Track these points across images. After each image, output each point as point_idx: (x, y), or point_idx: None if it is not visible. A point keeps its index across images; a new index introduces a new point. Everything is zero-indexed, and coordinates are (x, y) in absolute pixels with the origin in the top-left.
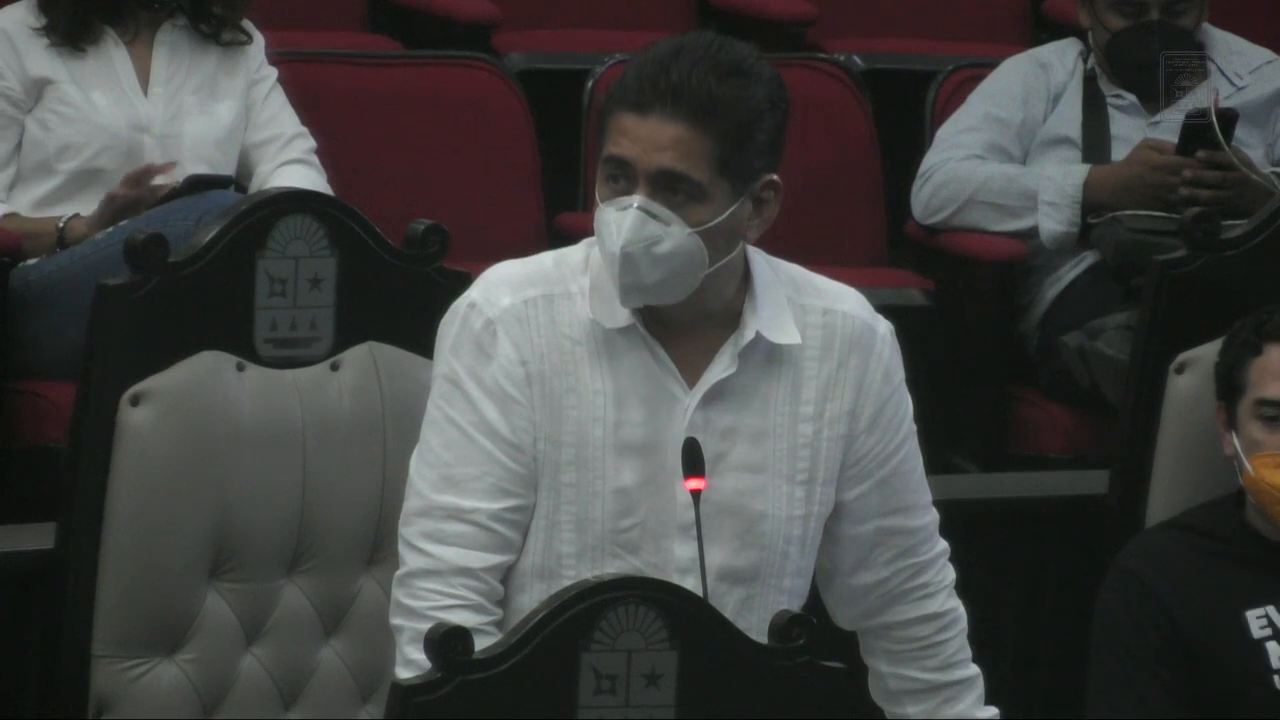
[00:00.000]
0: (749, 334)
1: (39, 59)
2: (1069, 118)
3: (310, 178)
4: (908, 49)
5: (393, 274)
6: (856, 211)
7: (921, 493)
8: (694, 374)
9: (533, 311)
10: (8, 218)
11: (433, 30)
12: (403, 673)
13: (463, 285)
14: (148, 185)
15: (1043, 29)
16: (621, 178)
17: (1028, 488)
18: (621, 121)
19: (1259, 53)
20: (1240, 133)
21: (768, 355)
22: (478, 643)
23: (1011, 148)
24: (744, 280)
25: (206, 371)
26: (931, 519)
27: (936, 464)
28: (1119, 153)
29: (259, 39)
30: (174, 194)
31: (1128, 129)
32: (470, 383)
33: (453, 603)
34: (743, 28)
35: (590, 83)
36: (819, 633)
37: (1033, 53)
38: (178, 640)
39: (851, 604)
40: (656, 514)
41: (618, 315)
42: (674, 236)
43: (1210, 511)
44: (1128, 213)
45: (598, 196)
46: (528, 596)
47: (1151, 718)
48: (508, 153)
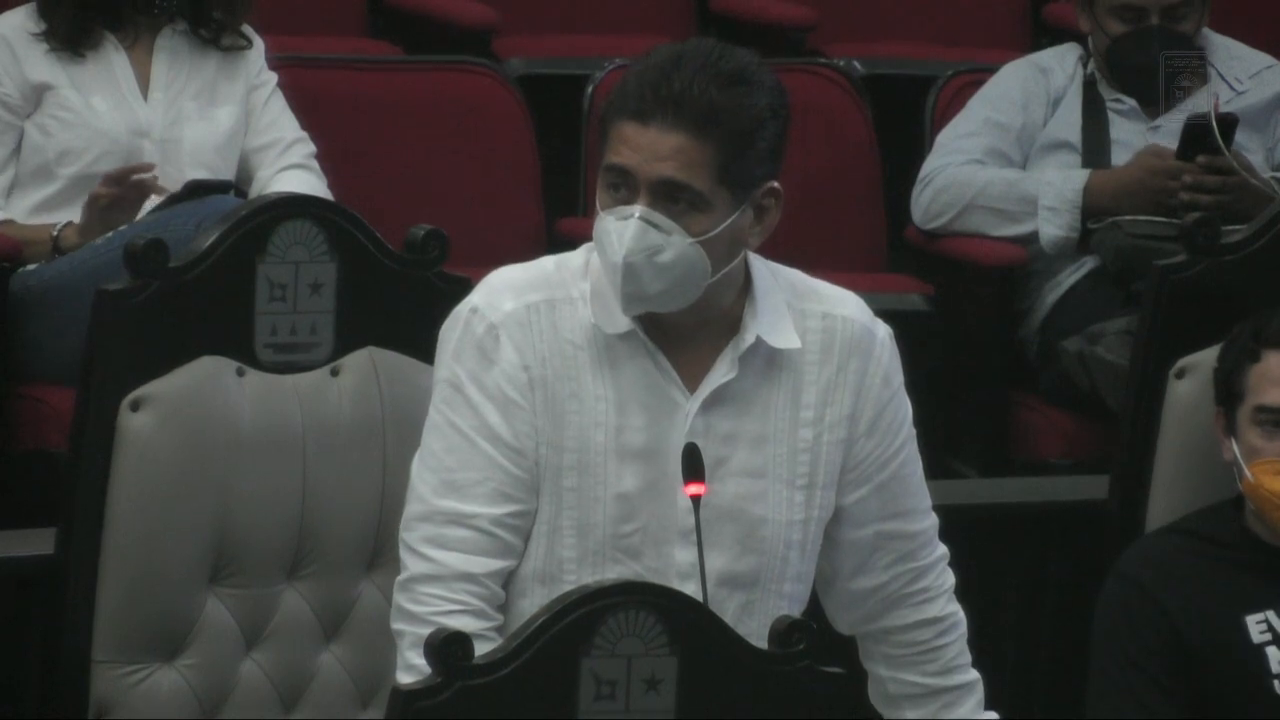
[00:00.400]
0: (749, 339)
1: (38, 64)
2: (1069, 122)
3: (310, 183)
4: (908, 54)
5: (393, 279)
6: (856, 216)
7: (921, 497)
8: (695, 380)
9: (535, 316)
10: (4, 224)
11: (433, 35)
12: (404, 678)
13: (463, 290)
14: (130, 184)
15: (1043, 34)
16: (622, 186)
17: (1028, 493)
18: (622, 130)
19: (1259, 57)
20: (1240, 137)
21: (768, 360)
22: (479, 648)
23: (1011, 152)
24: (744, 286)
25: (206, 376)
26: (931, 523)
27: (936, 469)
28: (1119, 157)
29: (259, 44)
30: (174, 199)
31: (1128, 133)
32: (472, 387)
33: (454, 608)
34: (743, 33)
35: (590, 88)
36: (818, 638)
37: (1032, 58)
38: (178, 645)
39: (851, 609)
40: (658, 519)
41: (619, 321)
42: (675, 246)
43: (1210, 516)
44: (1128, 218)
45: (598, 205)
46: (529, 601)
47: None
48: (508, 158)
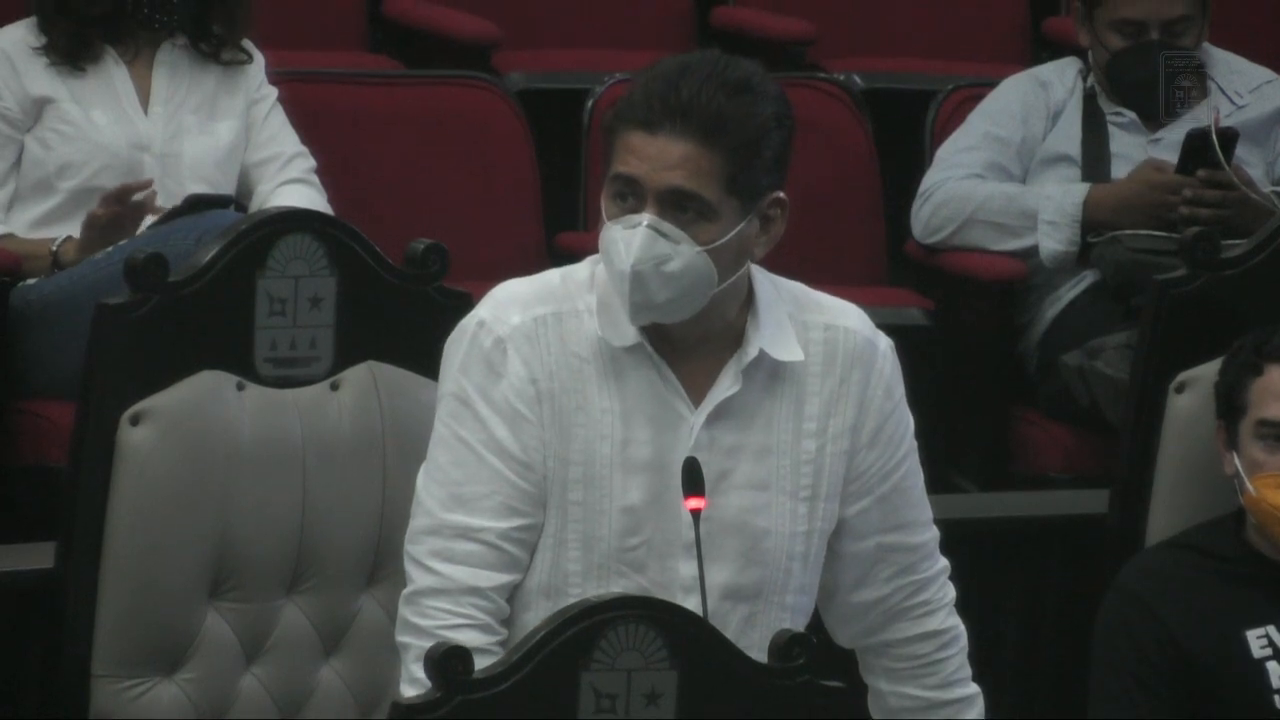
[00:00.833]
0: (752, 351)
1: (39, 78)
2: (1069, 135)
3: (310, 197)
4: (908, 68)
5: (393, 293)
6: (856, 230)
7: (922, 509)
8: (699, 393)
9: (542, 329)
10: (4, 238)
11: (433, 50)
12: (408, 691)
13: (463, 305)
14: (129, 203)
15: (1043, 48)
16: (630, 196)
17: (1028, 507)
18: (629, 140)
19: (1259, 72)
20: (1240, 151)
21: (771, 372)
22: (484, 662)
23: (1011, 166)
24: (747, 299)
25: (206, 391)
26: (932, 536)
27: (936, 483)
28: (1119, 170)
29: (259, 58)
30: (174, 213)
31: (1127, 146)
32: (480, 401)
33: (461, 622)
34: (743, 47)
35: (590, 102)
36: (819, 652)
37: (1032, 71)
38: (177, 660)
39: (852, 622)
40: (662, 532)
41: (625, 333)
42: (683, 255)
43: (1211, 531)
44: (1128, 232)
45: (604, 214)
46: (533, 615)
47: None
48: (508, 172)
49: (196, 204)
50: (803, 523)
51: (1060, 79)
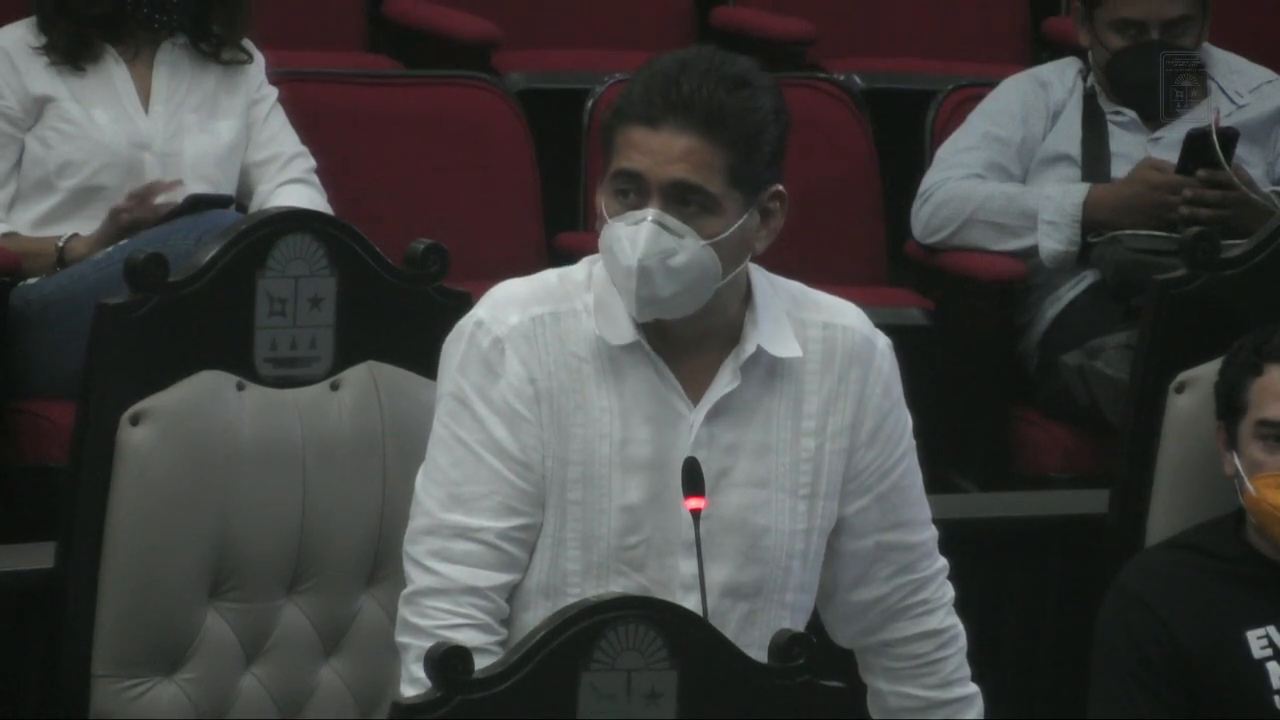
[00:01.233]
0: (750, 348)
1: (39, 77)
2: (1069, 135)
3: (310, 197)
4: (907, 68)
5: (393, 293)
6: (856, 230)
7: (921, 508)
8: (697, 390)
9: (540, 329)
10: (7, 237)
11: (433, 50)
12: (408, 691)
13: (463, 305)
14: (151, 203)
15: (1042, 48)
16: (632, 191)
17: (1028, 507)
18: (631, 135)
19: (1259, 72)
20: (1241, 151)
21: (769, 369)
22: (484, 662)
23: (1011, 166)
24: (745, 296)
25: (206, 391)
26: (931, 535)
27: (936, 483)
28: (1119, 170)
29: (259, 58)
30: (174, 213)
31: (1127, 146)
32: (478, 401)
33: (460, 621)
34: (742, 47)
35: (590, 102)
36: (819, 652)
37: (1032, 71)
38: (177, 659)
39: (851, 621)
40: (662, 531)
41: (623, 332)
42: (688, 249)
43: (1211, 531)
44: (1128, 232)
45: (604, 212)
46: (532, 615)
47: None
48: (507, 172)
49: (196, 204)
50: (802, 520)
51: (1060, 79)
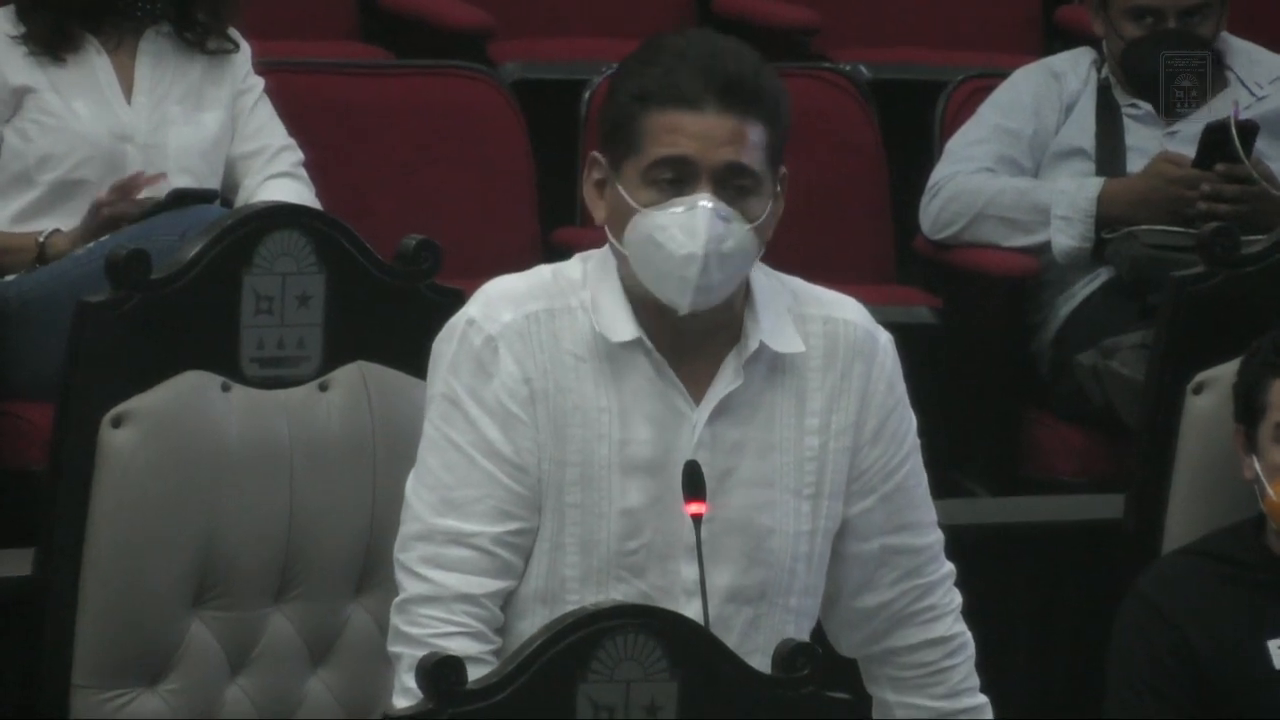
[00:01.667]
0: (752, 344)
1: (18, 67)
2: (1083, 128)
3: (298, 191)
4: (916, 58)
5: (383, 291)
6: (863, 226)
7: (926, 510)
8: (697, 389)
9: (535, 327)
10: None
11: (425, 39)
12: (400, 701)
13: (456, 303)
14: (135, 197)
15: (1055, 38)
16: (676, 178)
17: (1040, 512)
18: (670, 120)
19: (1279, 62)
20: (1260, 145)
21: (771, 365)
22: (477, 672)
23: (1023, 160)
24: (745, 291)
25: (191, 392)
26: (937, 538)
27: (945, 487)
28: (1134, 164)
29: (245, 48)
30: (157, 208)
31: (1143, 139)
32: (470, 402)
33: (453, 630)
34: (745, 36)
35: (588, 93)
36: (824, 662)
37: (1045, 62)
38: (160, 670)
39: (855, 628)
40: (663, 535)
41: (624, 329)
42: (736, 234)
43: (1230, 537)
44: (1143, 227)
45: (635, 203)
46: (529, 623)
47: None
48: (502, 166)
49: (180, 198)
50: (806, 522)
51: (1074, 70)
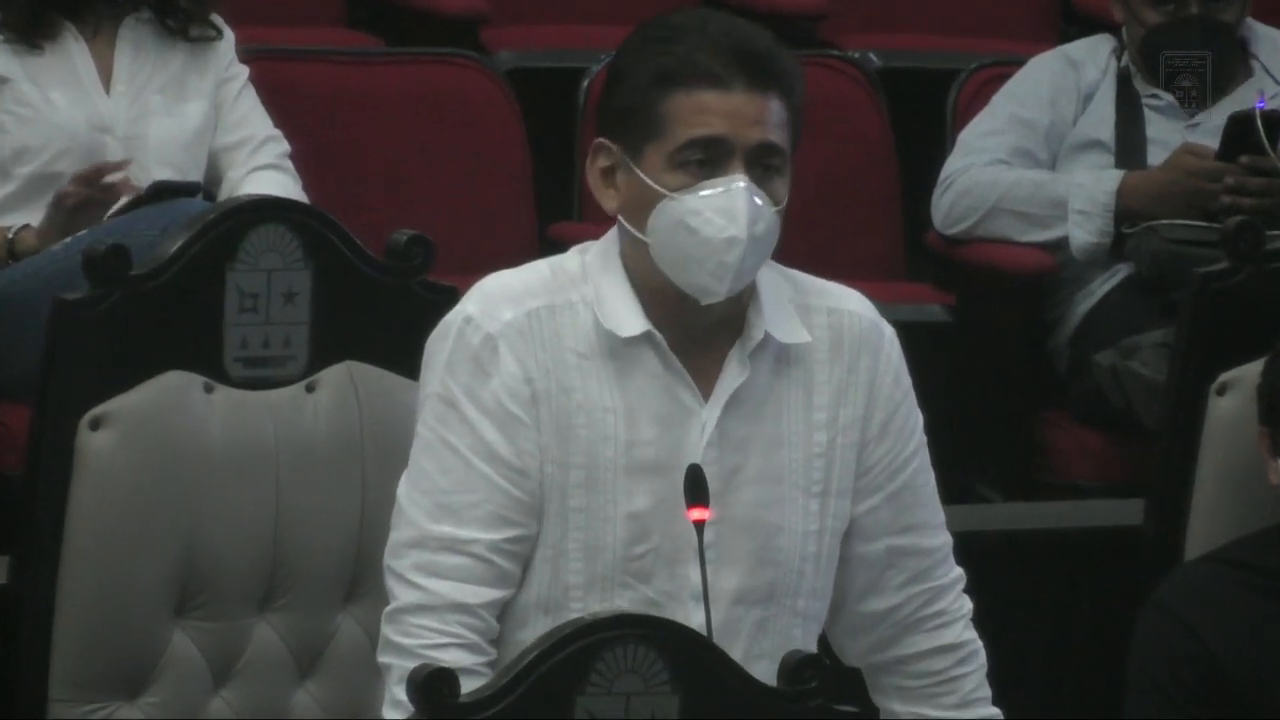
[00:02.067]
0: (758, 335)
1: None
2: (1101, 119)
3: (284, 184)
4: (927, 46)
5: (373, 288)
6: (872, 220)
7: (934, 511)
8: (703, 384)
9: (536, 324)
10: None
11: (416, 26)
12: (390, 714)
13: (448, 300)
14: (100, 185)
15: (1073, 24)
16: (707, 161)
17: (1056, 518)
18: (698, 100)
19: None
20: None
21: (777, 357)
22: (472, 684)
23: (1039, 152)
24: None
25: (172, 393)
26: (945, 541)
27: (956, 492)
28: (1155, 157)
29: (229, 35)
30: (137, 201)
31: (1165, 131)
32: (467, 403)
33: (446, 641)
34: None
35: (586, 82)
36: (831, 674)
37: (1062, 50)
38: (141, 682)
39: (861, 635)
40: (671, 539)
41: (633, 323)
42: (766, 216)
43: (1255, 544)
44: (1165, 222)
45: (662, 188)
46: (530, 632)
47: None
48: (497, 157)
49: (161, 191)
50: (814, 520)
51: (1092, 58)
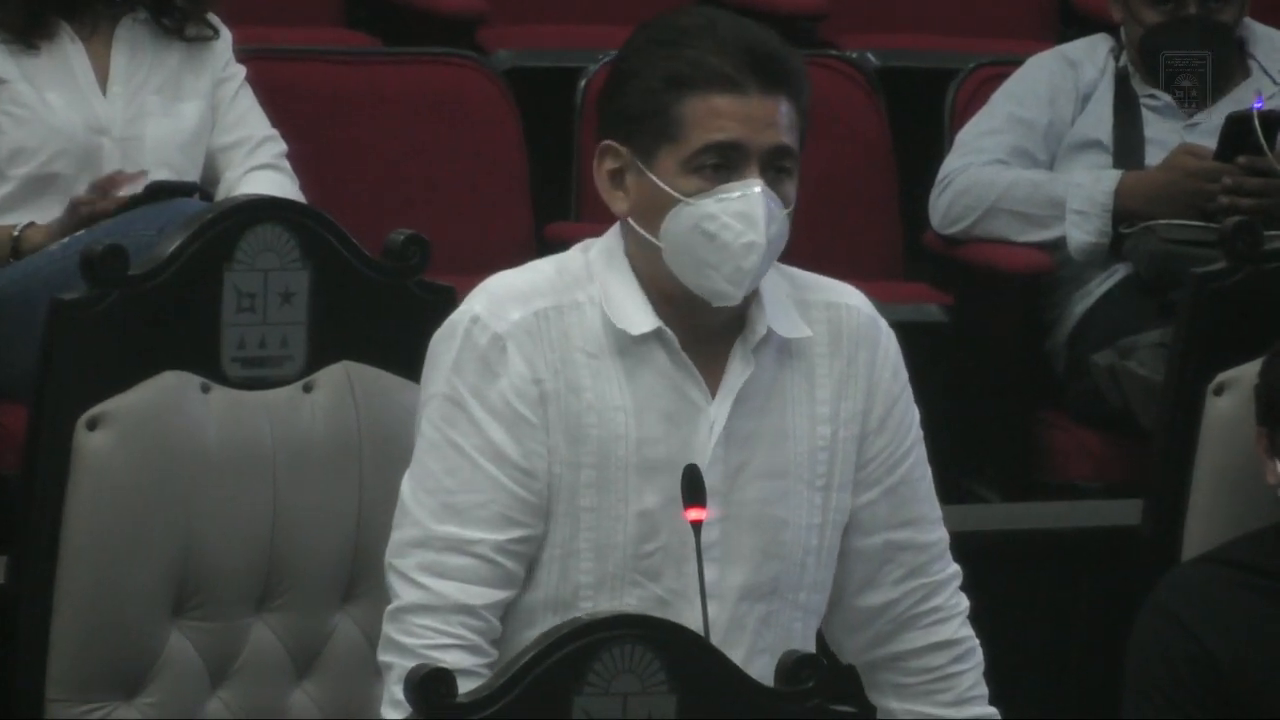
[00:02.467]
0: (761, 330)
1: None
2: (1099, 119)
3: (281, 184)
4: (926, 45)
5: (370, 288)
6: (870, 220)
7: (931, 506)
8: (709, 380)
9: (544, 324)
10: None
11: (414, 25)
12: (389, 714)
13: (446, 300)
14: (113, 195)
15: (1071, 24)
16: (723, 165)
17: (1054, 519)
18: (714, 104)
19: None
20: None
21: (779, 351)
22: (472, 686)
23: (1037, 152)
24: None
25: (169, 393)
26: (942, 536)
27: (954, 492)
28: (1153, 157)
29: (226, 35)
30: (135, 201)
31: (1163, 132)
32: (474, 403)
33: (448, 642)
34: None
35: (583, 81)
36: (828, 674)
37: (1060, 49)
38: (138, 682)
39: (859, 631)
40: (679, 536)
41: (643, 321)
42: (780, 219)
43: (1252, 544)
44: (1162, 222)
45: (677, 193)
46: (538, 632)
47: None
48: (494, 157)
49: (159, 192)
50: (817, 514)
51: (1090, 58)
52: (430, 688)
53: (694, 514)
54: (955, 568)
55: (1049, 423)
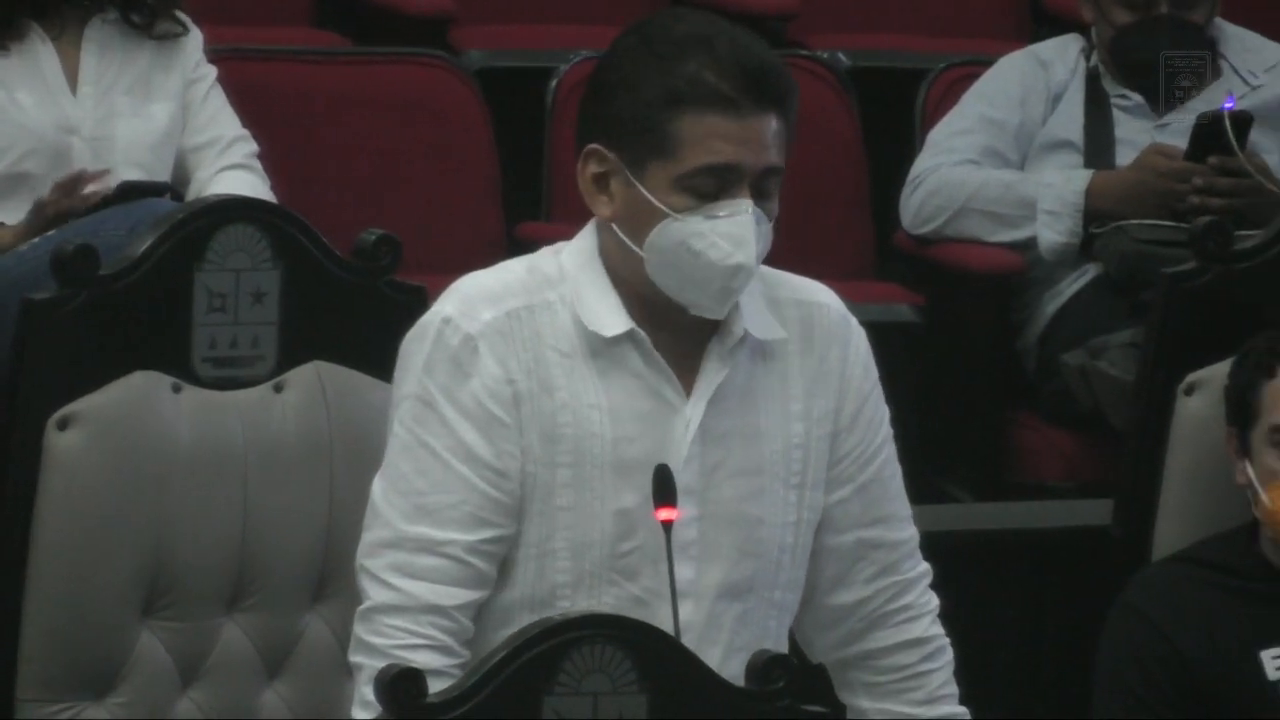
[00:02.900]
0: (738, 331)
1: None
2: (1070, 119)
3: (252, 184)
4: (896, 45)
5: (341, 288)
6: (841, 220)
7: (902, 504)
8: (684, 379)
9: (516, 324)
10: None
11: (384, 25)
12: (359, 714)
13: (417, 300)
14: (79, 195)
15: (1042, 24)
16: (716, 185)
17: (1025, 518)
18: (710, 125)
19: (1275, 50)
20: (1255, 136)
21: (753, 351)
22: (442, 687)
23: (1008, 152)
24: None
25: (140, 393)
26: (913, 534)
27: (926, 492)
28: (1124, 157)
29: (196, 35)
30: (105, 201)
31: (1133, 132)
32: (445, 404)
33: (419, 642)
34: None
35: (554, 82)
36: (798, 674)
37: (1031, 49)
38: (108, 682)
39: (829, 629)
40: (657, 536)
41: (616, 322)
42: (764, 237)
43: (1222, 544)
44: (1133, 222)
45: (666, 208)
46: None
47: None
48: (465, 157)
49: (129, 191)
50: (792, 512)
51: (1061, 58)
52: (400, 688)
53: (664, 514)
54: (925, 566)
55: (1020, 423)
